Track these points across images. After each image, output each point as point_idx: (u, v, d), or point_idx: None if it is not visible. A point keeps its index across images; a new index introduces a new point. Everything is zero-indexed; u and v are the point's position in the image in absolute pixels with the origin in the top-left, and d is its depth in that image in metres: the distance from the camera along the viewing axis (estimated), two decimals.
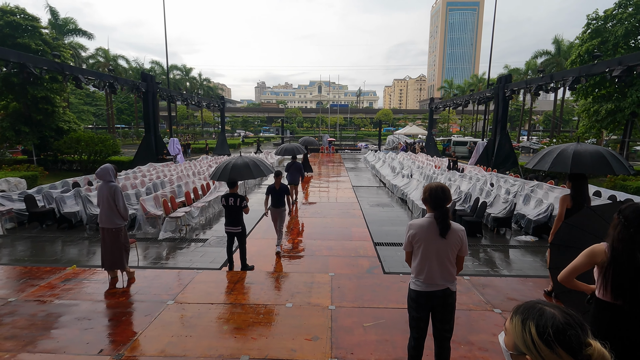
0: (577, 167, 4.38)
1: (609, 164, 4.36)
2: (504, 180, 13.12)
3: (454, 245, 2.77)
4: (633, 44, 18.27)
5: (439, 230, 2.73)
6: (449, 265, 2.79)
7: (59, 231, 8.67)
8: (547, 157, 4.74)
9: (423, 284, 2.82)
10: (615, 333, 2.26)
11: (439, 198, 2.76)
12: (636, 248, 2.13)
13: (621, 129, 19.01)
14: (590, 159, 4.41)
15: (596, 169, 4.50)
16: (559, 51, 35.85)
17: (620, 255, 2.18)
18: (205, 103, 27.63)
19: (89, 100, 51.93)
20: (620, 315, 2.24)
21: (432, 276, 2.79)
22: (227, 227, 5.98)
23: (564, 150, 4.59)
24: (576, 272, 2.43)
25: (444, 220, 2.73)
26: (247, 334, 3.91)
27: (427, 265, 2.79)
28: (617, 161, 4.42)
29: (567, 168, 4.40)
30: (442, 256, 2.76)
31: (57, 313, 4.33)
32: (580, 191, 4.52)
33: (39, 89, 17.81)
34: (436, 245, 2.76)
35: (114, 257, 5.13)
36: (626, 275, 2.18)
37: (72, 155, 18.93)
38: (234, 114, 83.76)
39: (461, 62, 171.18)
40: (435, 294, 2.80)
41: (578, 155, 4.42)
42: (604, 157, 4.39)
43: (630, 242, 2.15)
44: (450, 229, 2.74)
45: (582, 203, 4.52)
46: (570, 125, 53.84)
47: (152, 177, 13.44)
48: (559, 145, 4.92)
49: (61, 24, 30.42)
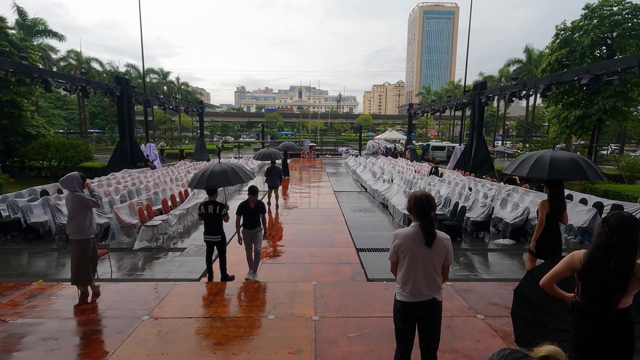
0: (554, 174, 4.50)
1: (584, 171, 4.51)
2: (482, 184, 13.42)
3: (439, 255, 2.73)
4: (598, 54, 19.26)
5: (424, 239, 2.69)
6: (435, 274, 2.74)
7: (25, 242, 8.18)
8: (525, 163, 4.85)
9: (409, 295, 2.76)
10: (594, 337, 2.30)
11: (424, 207, 2.73)
12: (613, 257, 2.16)
13: (589, 135, 19.91)
14: (565, 165, 4.54)
15: (571, 175, 4.64)
16: (530, 59, 37.40)
17: (595, 264, 2.22)
18: (183, 107, 27.05)
19: (59, 104, 49.85)
20: (596, 320, 2.28)
21: (418, 286, 2.74)
22: (206, 236, 5.78)
23: (541, 157, 4.70)
24: (556, 278, 2.47)
25: (429, 230, 2.68)
26: (227, 349, 3.75)
27: (413, 275, 2.74)
28: (591, 168, 4.57)
29: (544, 174, 4.52)
30: (428, 266, 2.72)
31: (19, 333, 4.02)
32: (558, 196, 4.65)
33: (5, 92, 16.97)
34: (422, 255, 2.71)
35: (79, 271, 4.83)
36: (594, 284, 2.24)
37: (40, 162, 18.05)
38: (213, 119, 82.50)
39: (438, 69, 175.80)
40: (421, 304, 2.75)
41: (555, 162, 4.54)
42: (579, 164, 4.54)
43: (610, 251, 2.18)
44: (435, 238, 2.70)
45: (559, 207, 4.66)
46: (541, 130, 56.04)
47: (127, 184, 12.95)
48: (535, 151, 5.05)
49: (30, 24, 29.15)
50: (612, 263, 2.15)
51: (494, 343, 3.92)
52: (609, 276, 2.17)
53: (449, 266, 2.83)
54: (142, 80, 34.89)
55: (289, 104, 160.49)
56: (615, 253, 2.16)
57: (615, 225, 2.17)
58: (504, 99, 18.53)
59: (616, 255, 2.15)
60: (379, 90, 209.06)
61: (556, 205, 4.62)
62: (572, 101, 19.38)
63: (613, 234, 2.17)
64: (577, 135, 20.37)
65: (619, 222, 2.17)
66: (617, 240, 2.15)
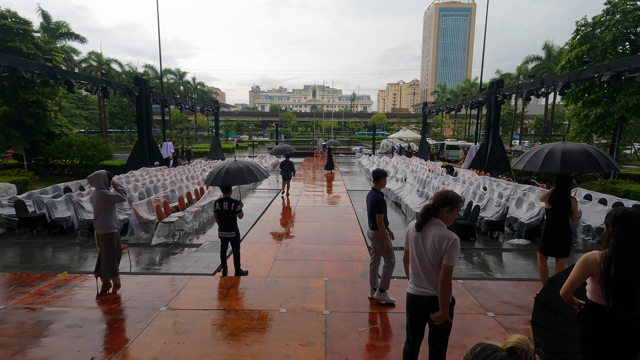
0: (566, 167, 4.35)
1: (597, 161, 4.34)
2: (497, 184, 13.24)
3: (434, 249, 2.63)
4: (621, 50, 18.64)
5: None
6: (434, 271, 2.68)
7: (49, 237, 8.55)
8: (535, 158, 4.68)
9: (413, 286, 2.83)
10: (608, 335, 2.33)
11: (435, 199, 2.76)
12: (636, 253, 2.22)
13: (610, 133, 19.34)
14: (578, 157, 4.37)
15: (585, 166, 4.46)
16: (550, 56, 36.41)
17: (622, 262, 2.25)
18: (199, 107, 27.53)
19: (81, 104, 51.44)
20: (615, 318, 2.30)
21: (418, 278, 2.77)
22: (220, 232, 5.95)
23: (552, 151, 4.54)
24: (575, 286, 2.46)
25: (422, 215, 2.70)
26: (240, 340, 3.88)
27: (413, 266, 2.82)
28: (604, 158, 4.39)
29: (557, 168, 4.37)
30: (424, 259, 2.70)
31: (47, 320, 4.27)
32: (562, 193, 4.53)
33: (30, 93, 17.63)
34: (419, 246, 2.75)
35: (107, 265, 5.08)
36: (621, 283, 2.25)
37: (63, 160, 18.71)
38: (228, 118, 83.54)
39: (454, 67, 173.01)
40: (421, 298, 2.74)
41: (567, 155, 4.39)
42: (591, 154, 4.37)
43: (632, 248, 2.24)
44: (425, 225, 2.70)
45: (564, 205, 4.54)
46: (561, 129, 54.51)
47: (145, 181, 13.33)
48: (544, 145, 4.88)
49: (53, 27, 30.16)
50: (634, 259, 2.21)
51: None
52: (636, 272, 2.21)
53: (447, 266, 2.60)
54: (159, 80, 35.69)
55: (302, 103, 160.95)
56: (638, 249, 2.22)
57: (632, 221, 2.26)
58: (521, 97, 18.14)
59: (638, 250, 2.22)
60: (394, 88, 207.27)
61: (559, 201, 4.50)
62: (593, 99, 18.84)
63: (633, 230, 2.24)
64: (598, 133, 19.79)
65: (634, 218, 2.26)
66: (638, 236, 2.23)
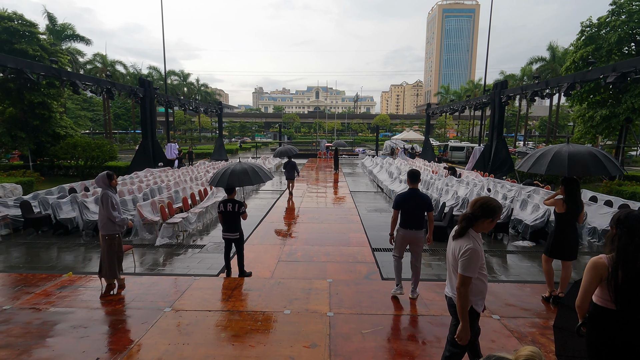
0: (574, 169, 4.33)
1: (603, 164, 4.34)
2: (501, 185, 13.17)
3: (454, 254, 2.83)
4: (626, 51, 18.52)
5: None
6: (453, 274, 2.87)
7: (54, 237, 8.60)
8: (542, 159, 4.66)
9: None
10: (617, 340, 2.30)
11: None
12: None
13: (616, 135, 19.20)
14: (584, 160, 4.36)
15: (592, 169, 4.46)
16: (554, 57, 36.26)
17: (630, 265, 2.22)
18: (202, 108, 27.64)
19: (86, 106, 51.85)
20: (624, 322, 2.28)
21: (449, 278, 3.01)
22: (224, 234, 5.95)
23: (559, 153, 4.52)
24: (589, 293, 2.43)
25: (461, 227, 2.85)
26: (244, 342, 3.88)
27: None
28: (610, 161, 4.39)
29: (564, 170, 4.35)
30: (449, 260, 2.93)
31: (52, 321, 4.29)
32: (573, 195, 4.52)
33: (36, 95, 17.78)
34: (449, 247, 2.98)
35: (106, 265, 5.10)
36: (630, 285, 2.23)
37: (68, 161, 18.84)
38: (232, 119, 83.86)
39: (457, 68, 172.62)
40: (446, 299, 3.06)
41: (573, 157, 4.37)
42: (597, 157, 4.37)
43: (636, 250, 2.21)
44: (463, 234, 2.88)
45: (576, 208, 4.53)
46: (565, 130, 54.21)
47: (149, 182, 13.39)
48: (550, 146, 4.86)
49: (59, 29, 30.43)
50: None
51: (508, 343, 3.91)
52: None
53: (460, 275, 2.73)
54: (163, 82, 35.86)
55: (305, 104, 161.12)
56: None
57: (635, 224, 2.23)
58: (525, 98, 18.08)
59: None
60: (397, 90, 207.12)
61: (572, 205, 4.49)
62: (598, 100, 18.72)
63: (636, 232, 2.22)
64: (604, 135, 19.67)
65: (637, 221, 2.23)
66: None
